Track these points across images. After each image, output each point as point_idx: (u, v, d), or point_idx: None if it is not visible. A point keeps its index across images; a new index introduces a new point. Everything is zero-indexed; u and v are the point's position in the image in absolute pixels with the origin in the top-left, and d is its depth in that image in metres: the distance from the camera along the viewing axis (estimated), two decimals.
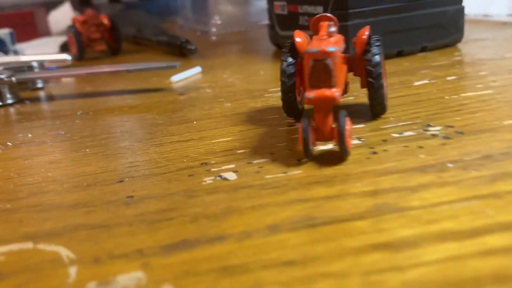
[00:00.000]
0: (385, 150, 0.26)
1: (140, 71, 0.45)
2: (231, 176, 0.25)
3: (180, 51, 0.59)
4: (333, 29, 0.26)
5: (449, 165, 0.24)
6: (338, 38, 0.27)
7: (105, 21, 0.64)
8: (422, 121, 0.30)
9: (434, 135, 0.28)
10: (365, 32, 0.30)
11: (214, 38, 0.68)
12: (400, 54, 0.47)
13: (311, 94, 0.25)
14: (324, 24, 0.30)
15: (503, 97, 0.33)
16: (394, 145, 0.27)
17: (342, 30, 0.44)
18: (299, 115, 0.33)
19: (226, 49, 0.61)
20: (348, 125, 0.25)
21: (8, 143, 0.34)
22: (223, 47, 0.63)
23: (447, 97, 0.34)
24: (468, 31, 0.55)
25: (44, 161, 0.30)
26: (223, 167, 0.26)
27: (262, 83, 0.44)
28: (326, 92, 0.25)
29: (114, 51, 0.65)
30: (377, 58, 0.29)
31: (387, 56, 0.47)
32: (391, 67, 0.44)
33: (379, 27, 0.45)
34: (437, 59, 0.45)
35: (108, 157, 0.30)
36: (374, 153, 0.26)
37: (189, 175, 0.26)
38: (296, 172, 0.25)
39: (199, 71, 0.50)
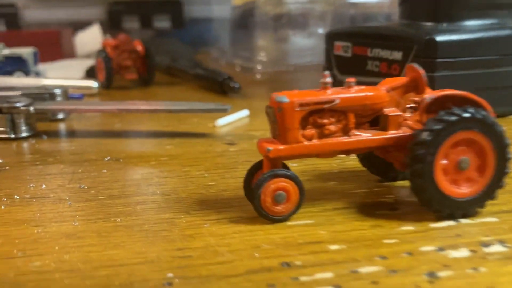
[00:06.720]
0: None
1: (183, 112, 0.37)
2: None
3: (221, 88, 0.52)
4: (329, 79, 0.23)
5: None
6: (358, 89, 0.23)
7: (139, 47, 0.57)
8: None
9: None
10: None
11: (258, 76, 0.60)
12: None
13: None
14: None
15: None
16: None
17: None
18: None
19: (274, 90, 0.54)
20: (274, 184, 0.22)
21: (15, 196, 0.27)
22: (270, 87, 0.56)
23: None
24: None
25: (60, 232, 0.22)
26: (317, 276, 0.18)
27: None
28: (263, 143, 0.22)
29: (145, 82, 0.58)
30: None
31: None
32: None
33: (470, 82, 0.38)
34: None
35: (148, 235, 0.22)
36: None
37: (269, 286, 0.18)
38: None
39: (246, 114, 0.43)
